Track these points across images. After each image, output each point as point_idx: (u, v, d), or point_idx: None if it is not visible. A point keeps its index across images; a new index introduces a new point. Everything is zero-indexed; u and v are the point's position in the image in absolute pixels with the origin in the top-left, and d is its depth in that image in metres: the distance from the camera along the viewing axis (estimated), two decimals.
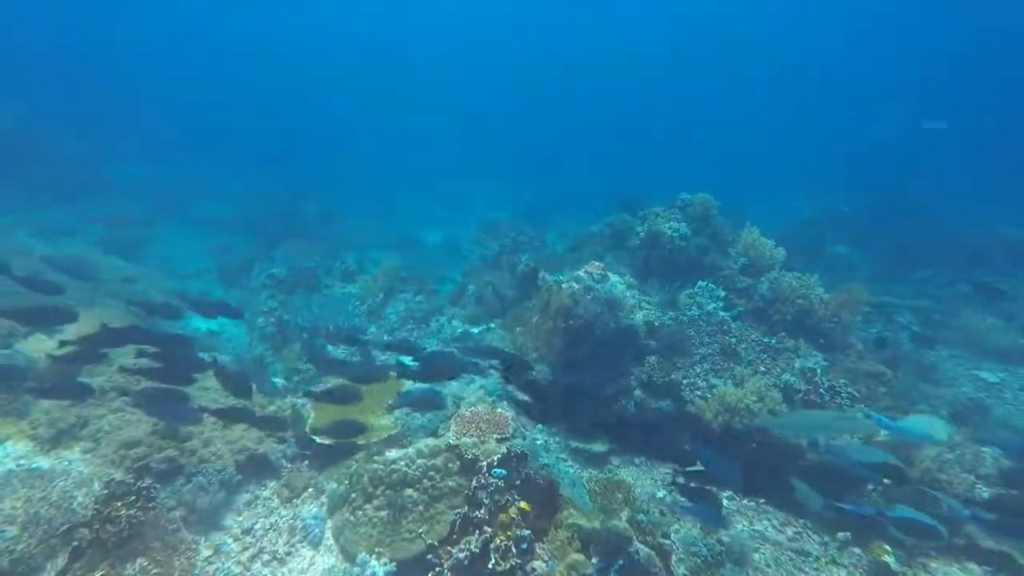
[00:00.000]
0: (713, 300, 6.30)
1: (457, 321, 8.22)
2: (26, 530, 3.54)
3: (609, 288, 6.34)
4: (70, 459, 4.47)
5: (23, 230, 11.88)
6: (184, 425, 4.37)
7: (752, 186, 18.77)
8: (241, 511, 4.23)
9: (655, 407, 6.00)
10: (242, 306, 10.03)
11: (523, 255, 8.73)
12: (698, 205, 6.92)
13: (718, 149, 29.04)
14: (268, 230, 13.89)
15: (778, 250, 6.58)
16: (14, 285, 4.45)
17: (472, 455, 4.26)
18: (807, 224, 12.97)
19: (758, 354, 5.85)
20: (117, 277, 9.48)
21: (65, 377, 4.60)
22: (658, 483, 5.60)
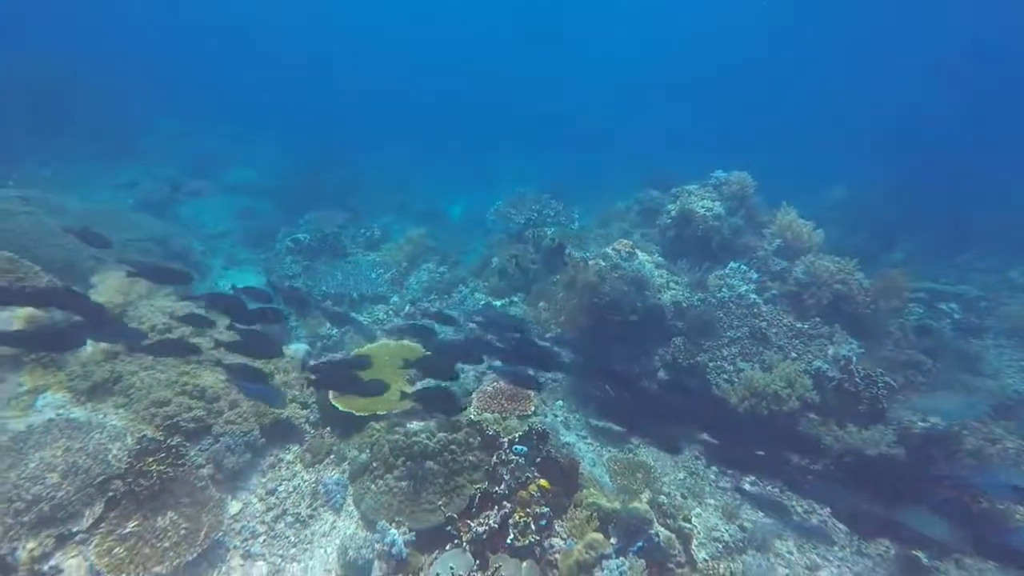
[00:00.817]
0: (745, 282, 6.10)
1: (480, 293, 8.16)
2: (65, 478, 3.67)
3: (637, 267, 6.18)
4: (104, 412, 4.61)
5: (67, 187, 12.18)
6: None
7: (785, 162, 18.04)
8: (265, 472, 4.32)
9: (679, 388, 5.90)
10: (270, 270, 10.18)
11: (548, 229, 8.55)
12: (734, 184, 6.63)
13: (750, 124, 27.83)
14: (294, 197, 13.94)
15: (816, 232, 6.28)
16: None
17: (493, 431, 4.24)
18: (841, 203, 12.41)
19: (789, 339, 5.66)
20: (148, 236, 9.63)
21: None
22: (679, 464, 5.54)
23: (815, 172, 15.71)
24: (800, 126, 27.76)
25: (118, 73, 19.61)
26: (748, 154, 17.95)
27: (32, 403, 4.59)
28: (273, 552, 3.69)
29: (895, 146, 17.52)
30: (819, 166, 17.31)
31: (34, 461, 3.72)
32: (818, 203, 12.19)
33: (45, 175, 12.77)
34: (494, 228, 10.97)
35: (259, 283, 9.63)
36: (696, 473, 5.31)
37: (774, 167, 16.18)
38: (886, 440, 4.46)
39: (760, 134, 23.56)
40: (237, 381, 3.98)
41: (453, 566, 3.18)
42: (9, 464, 3.72)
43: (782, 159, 17.45)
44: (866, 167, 14.92)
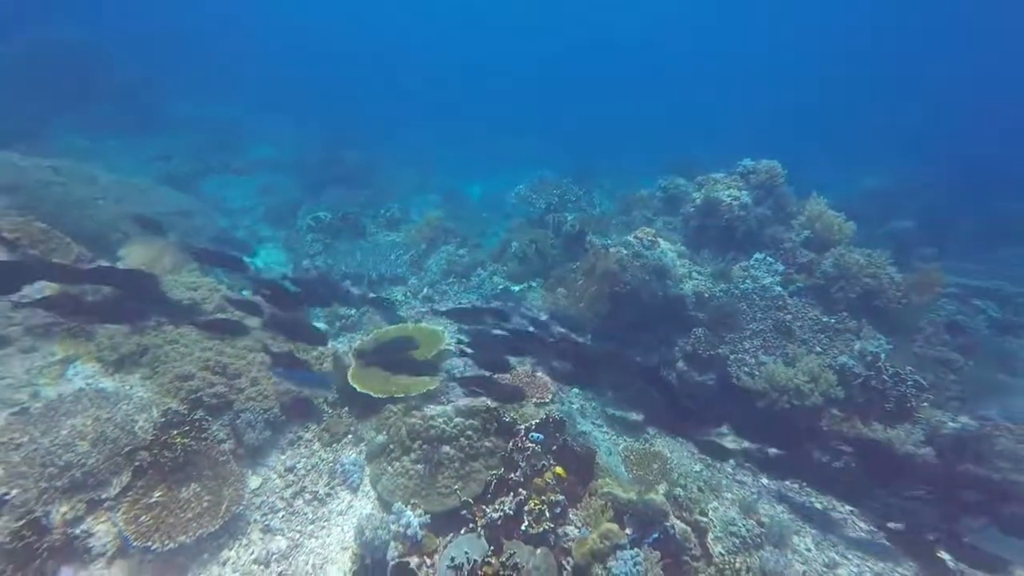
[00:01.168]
0: (770, 274, 5.94)
1: (499, 277, 8.12)
2: (95, 446, 3.78)
3: (659, 256, 6.06)
4: (131, 384, 4.74)
5: (99, 161, 12.40)
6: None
7: (812, 151, 17.46)
8: (284, 450, 4.40)
9: (698, 380, 5.83)
10: (291, 247, 10.28)
11: (569, 214, 8.43)
12: (762, 173, 6.41)
13: (776, 111, 26.91)
14: (315, 175, 13.98)
15: (847, 224, 6.07)
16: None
17: (510, 418, 4.24)
18: (872, 194, 11.98)
19: (814, 333, 5.52)
20: (174, 209, 9.77)
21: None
22: (695, 456, 5.49)
23: (847, 162, 15.19)
24: (833, 115, 26.78)
25: (144, 46, 19.75)
26: (777, 141, 17.51)
27: (63, 372, 4.74)
28: (291, 527, 3.77)
29: (932, 137, 16.79)
30: (852, 156, 16.72)
31: (66, 428, 3.84)
32: (850, 192, 11.82)
33: (78, 145, 13.01)
34: (514, 212, 10.88)
35: (279, 265, 9.77)
36: (713, 466, 5.27)
37: (804, 155, 15.73)
38: (913, 439, 4.35)
39: (790, 122, 22.79)
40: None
41: (468, 551, 3.20)
42: (43, 430, 3.85)
43: (812, 147, 16.94)
44: (901, 158, 14.35)
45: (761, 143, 18.00)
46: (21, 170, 7.87)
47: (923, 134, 19.25)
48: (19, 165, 7.99)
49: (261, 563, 3.50)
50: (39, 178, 7.96)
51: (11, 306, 4.95)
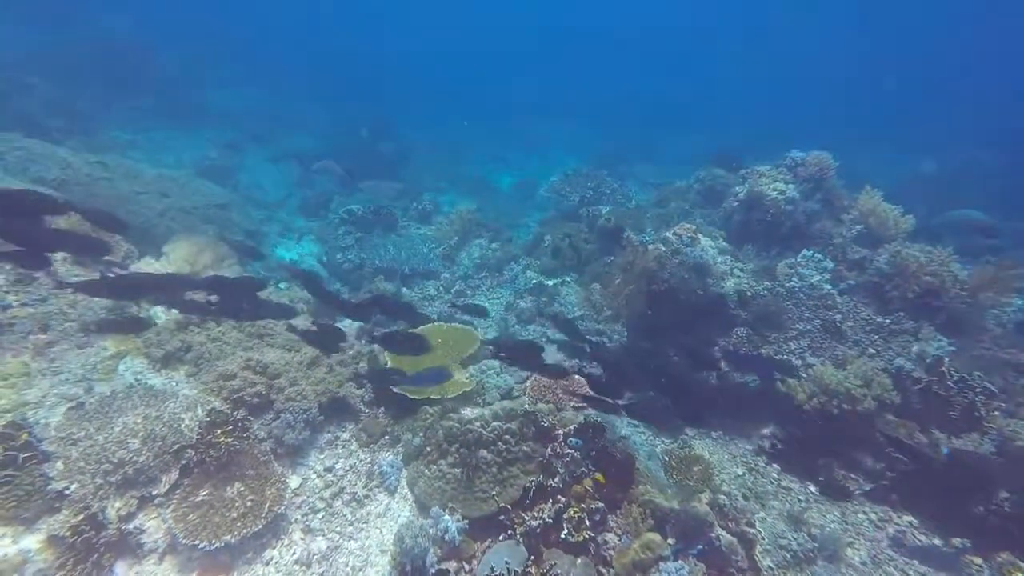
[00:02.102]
0: (818, 271, 5.64)
1: (532, 272, 8.02)
2: (145, 444, 3.90)
3: (699, 253, 5.84)
4: (176, 380, 4.87)
5: (138, 151, 12.83)
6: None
7: (862, 137, 16.57)
8: (323, 449, 4.45)
9: (739, 381, 5.63)
10: (323, 239, 10.42)
11: (604, 208, 8.23)
12: (812, 165, 6.07)
13: (822, 97, 25.63)
14: (348, 166, 14.06)
15: (905, 219, 5.69)
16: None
17: (549, 423, 4.16)
18: (930, 181, 11.27)
19: (867, 334, 5.23)
20: (212, 203, 9.99)
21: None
22: (736, 459, 5.33)
23: (900, 147, 14.34)
24: (880, 99, 25.34)
25: (185, 39, 20.14)
26: (818, 128, 16.67)
27: (115, 367, 4.91)
28: (331, 528, 3.82)
29: (990, 119, 15.67)
30: (904, 141, 15.78)
31: (118, 426, 3.97)
32: (901, 180, 11.16)
33: (123, 138, 13.46)
34: (547, 204, 10.72)
35: (313, 257, 9.90)
36: (756, 469, 5.10)
37: (849, 142, 14.94)
38: (983, 450, 4.08)
39: (834, 107, 21.63)
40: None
41: (508, 560, 3.17)
42: (98, 426, 3.99)
43: (858, 133, 16.05)
44: (957, 142, 13.45)
45: (801, 129, 17.25)
46: (70, 166, 8.15)
47: (980, 117, 18.01)
48: (68, 160, 8.28)
49: (303, 564, 3.56)
50: (88, 173, 8.24)
51: (71, 302, 5.16)
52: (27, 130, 10.28)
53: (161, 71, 16.47)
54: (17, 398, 4.21)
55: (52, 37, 15.94)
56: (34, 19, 17.47)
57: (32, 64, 14.13)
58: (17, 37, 16.10)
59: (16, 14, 17.78)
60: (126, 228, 4.62)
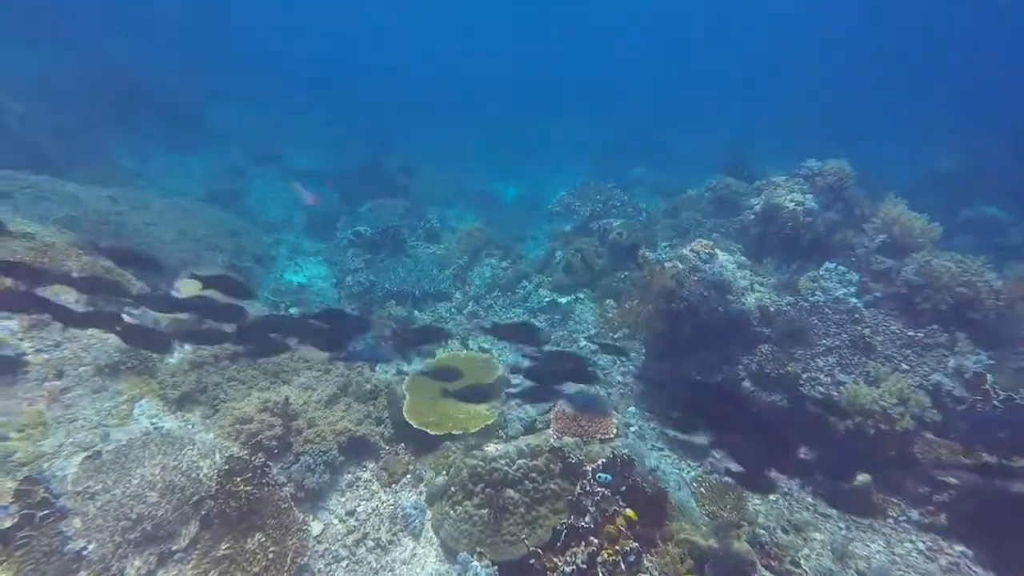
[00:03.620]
0: (843, 284, 5.49)
1: (545, 289, 7.90)
2: (163, 497, 3.81)
3: (718, 269, 5.71)
4: (193, 423, 4.79)
5: (144, 178, 12.88)
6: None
7: (873, 133, 16.37)
8: (344, 492, 4.34)
9: (767, 401, 5.48)
10: (332, 261, 10.38)
11: (615, 221, 8.11)
12: (829, 175, 5.92)
13: (822, 94, 25.37)
14: (353, 183, 14.06)
15: (932, 227, 5.53)
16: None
17: (576, 458, 4.03)
18: (946, 178, 11.05)
19: (899, 349, 5.06)
20: (221, 230, 9.98)
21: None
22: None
23: (914, 145, 14.12)
24: (889, 96, 25.03)
25: (183, 60, 20.23)
26: (826, 129, 16.47)
27: (130, 411, 4.83)
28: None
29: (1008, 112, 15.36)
30: (917, 138, 15.53)
31: (136, 478, 3.88)
32: (917, 178, 10.97)
33: (130, 166, 13.52)
34: (554, 216, 10.62)
35: (321, 279, 9.84)
36: (790, 494, 4.93)
37: (859, 141, 14.71)
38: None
39: (842, 108, 21.35)
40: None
41: None
42: (115, 479, 3.90)
43: (867, 132, 15.84)
44: (972, 138, 13.21)
45: (803, 128, 17.00)
46: (80, 202, 8.15)
47: (998, 110, 17.69)
48: (79, 197, 8.28)
49: None
50: (98, 208, 8.23)
51: (85, 346, 5.10)
52: (32, 159, 10.36)
53: (162, 94, 16.54)
54: (33, 450, 4.14)
55: (53, 62, 16.05)
56: (35, 44, 17.64)
57: (35, 91, 14.23)
58: (19, 63, 16.23)
59: (17, 39, 17.98)
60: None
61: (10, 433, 4.16)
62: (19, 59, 16.55)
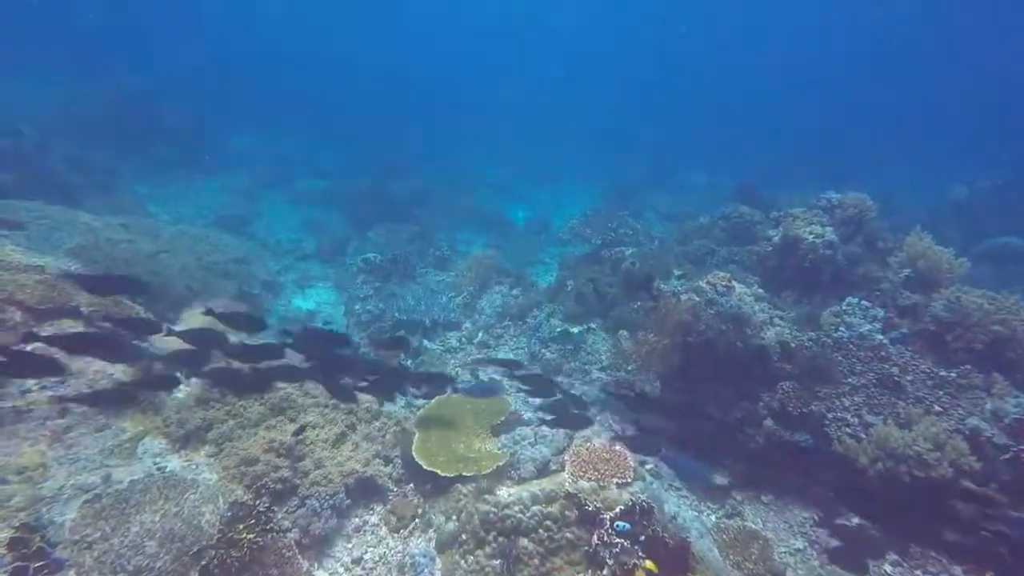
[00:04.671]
0: (867, 320, 5.31)
1: (556, 319, 7.76)
2: (163, 546, 3.65)
3: (736, 303, 5.56)
4: (197, 463, 4.65)
5: (156, 204, 13.02)
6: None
7: (882, 159, 16.25)
8: (351, 537, 4.17)
9: (789, 440, 5.25)
10: (341, 287, 10.34)
11: (627, 249, 8.00)
12: (850, 207, 5.79)
13: (826, 120, 25.32)
14: (362, 208, 14.11)
15: (959, 262, 5.36)
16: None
17: (593, 505, 3.84)
18: (961, 207, 10.87)
19: (930, 389, 4.84)
20: (230, 257, 9.98)
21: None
22: (794, 528, 4.92)
23: (927, 173, 13.99)
24: (901, 124, 24.98)
25: (193, 87, 20.65)
26: (835, 157, 16.38)
27: (134, 450, 4.71)
28: None
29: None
30: (930, 166, 15.41)
31: (135, 526, 3.73)
32: (931, 204, 10.81)
33: (142, 192, 13.69)
34: (564, 241, 10.54)
35: (330, 305, 9.79)
36: (817, 542, 4.68)
37: (869, 169, 14.60)
38: None
39: (848, 135, 21.28)
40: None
41: None
42: (113, 526, 3.75)
43: (879, 159, 15.73)
44: (988, 165, 13.06)
45: (811, 154, 16.90)
46: (92, 230, 8.17)
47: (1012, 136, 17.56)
48: (91, 226, 8.31)
49: None
50: (108, 237, 8.24)
51: (90, 382, 5.00)
52: (51, 188, 10.49)
53: (173, 121, 16.83)
54: (33, 493, 4.01)
55: (72, 93, 16.44)
56: (56, 75, 18.11)
57: (54, 122, 14.57)
58: (40, 94, 16.66)
59: (39, 71, 18.50)
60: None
61: (9, 476, 4.04)
62: (41, 90, 17.02)
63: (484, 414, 5.10)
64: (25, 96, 16.41)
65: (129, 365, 5.11)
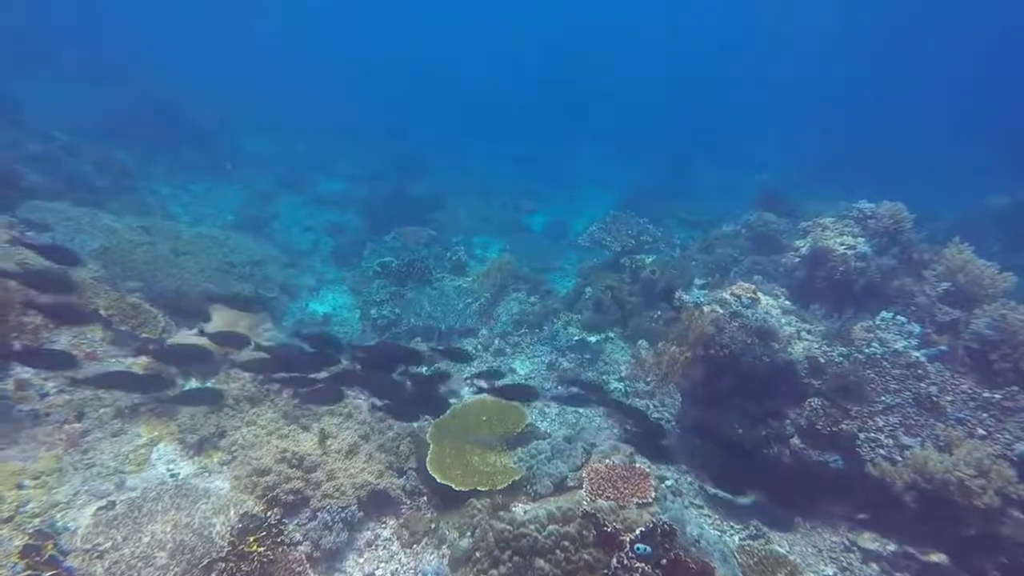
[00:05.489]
0: (903, 336, 5.05)
1: (574, 327, 7.61)
2: (173, 558, 3.60)
3: (762, 315, 5.36)
4: (210, 470, 4.62)
5: (178, 205, 13.20)
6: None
7: (914, 165, 15.74)
8: (362, 552, 4.07)
9: (818, 460, 5.02)
10: (356, 290, 10.32)
11: (647, 257, 7.81)
12: (884, 218, 5.53)
13: (853, 126, 24.68)
14: (379, 210, 14.12)
15: (1003, 276, 5.07)
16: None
17: (612, 526, 3.68)
18: (1003, 217, 10.40)
19: (972, 411, 4.58)
20: (248, 259, 10.02)
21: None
22: (823, 553, 4.69)
23: (963, 179, 13.48)
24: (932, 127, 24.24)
25: (217, 90, 20.97)
26: (864, 163, 15.91)
27: (148, 456, 4.69)
28: None
29: None
30: (961, 173, 14.87)
31: (146, 536, 3.69)
32: (968, 213, 10.38)
33: (164, 192, 13.89)
34: (582, 247, 10.38)
35: (345, 309, 9.75)
36: (850, 569, 4.45)
37: (898, 176, 14.13)
38: None
39: (878, 140, 20.70)
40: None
41: None
42: (124, 535, 3.72)
43: (910, 166, 15.25)
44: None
45: (844, 163, 16.44)
46: (113, 232, 8.27)
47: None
48: (113, 228, 8.41)
49: None
50: (130, 239, 8.33)
51: (102, 389, 5.01)
52: (78, 190, 10.69)
53: (198, 124, 17.10)
54: (47, 499, 4.01)
55: (102, 97, 16.82)
56: (85, 80, 18.57)
57: (83, 124, 14.91)
58: (72, 99, 17.07)
59: (68, 77, 18.98)
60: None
61: (26, 480, 4.05)
62: (72, 93, 17.47)
63: (500, 426, 4.98)
64: (57, 99, 16.85)
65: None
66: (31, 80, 17.54)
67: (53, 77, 18.89)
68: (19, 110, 14.53)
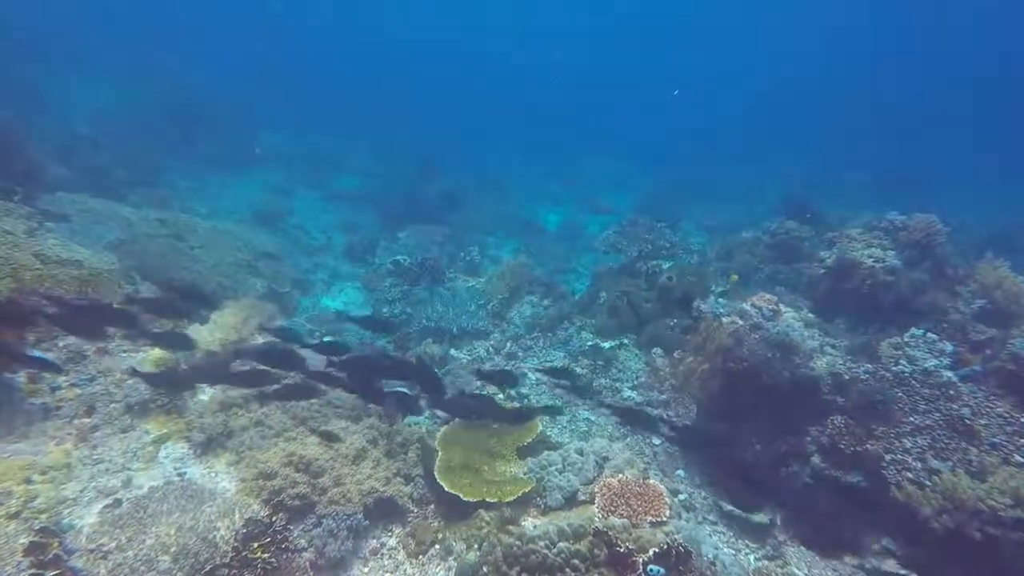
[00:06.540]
0: (933, 354, 4.83)
1: (587, 332, 7.47)
2: (176, 562, 3.55)
3: (783, 328, 5.17)
4: (217, 470, 4.57)
5: (196, 199, 13.29)
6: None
7: (940, 176, 15.27)
8: (367, 560, 3.99)
9: (840, 480, 4.83)
10: (369, 287, 10.28)
11: (664, 263, 7.64)
12: (916, 230, 5.30)
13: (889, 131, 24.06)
14: (394, 208, 14.08)
15: None
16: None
17: (625, 547, 3.55)
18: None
19: (1009, 436, 4.36)
20: (262, 253, 10.02)
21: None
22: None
23: (992, 185, 13.05)
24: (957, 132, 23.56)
25: (235, 86, 21.12)
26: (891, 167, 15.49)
27: (156, 454, 4.67)
28: None
29: None
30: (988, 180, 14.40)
31: (150, 538, 3.64)
32: (1003, 229, 10.00)
33: (183, 185, 14.00)
34: (597, 248, 10.21)
35: (358, 306, 9.72)
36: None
37: (926, 182, 13.73)
38: None
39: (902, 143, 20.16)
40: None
41: None
42: (129, 536, 3.68)
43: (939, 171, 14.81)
44: None
45: (868, 170, 16.02)
46: (130, 224, 8.31)
47: None
48: (129, 219, 8.46)
49: None
50: (146, 231, 8.36)
51: (118, 381, 5.01)
52: (97, 181, 10.81)
53: (218, 118, 17.23)
54: (55, 494, 3.99)
55: (125, 91, 17.05)
56: (108, 75, 18.84)
57: (107, 118, 15.11)
58: (96, 93, 17.32)
59: (92, 70, 19.27)
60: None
61: (34, 475, 4.04)
62: (97, 87, 17.73)
63: (510, 435, 4.87)
64: (82, 93, 17.11)
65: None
66: (58, 76, 17.83)
67: (79, 70, 19.18)
68: (45, 104, 14.77)
